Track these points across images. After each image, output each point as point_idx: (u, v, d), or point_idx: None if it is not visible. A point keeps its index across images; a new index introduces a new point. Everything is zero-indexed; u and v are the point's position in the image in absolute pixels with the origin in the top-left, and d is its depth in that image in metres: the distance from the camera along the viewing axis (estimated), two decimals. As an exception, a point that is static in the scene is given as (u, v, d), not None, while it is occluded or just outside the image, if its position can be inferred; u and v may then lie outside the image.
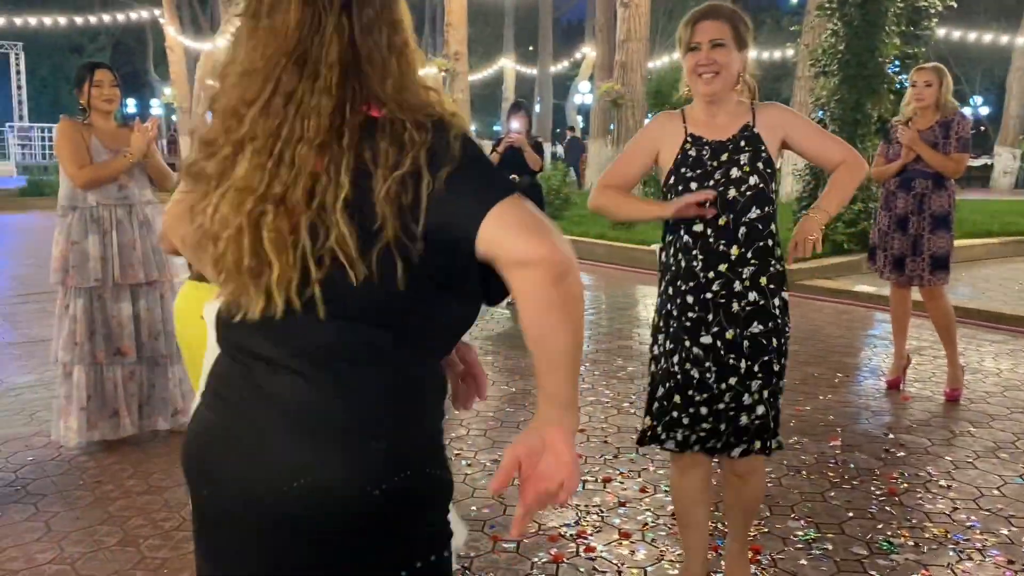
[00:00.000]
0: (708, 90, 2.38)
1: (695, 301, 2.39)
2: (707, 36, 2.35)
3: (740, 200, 2.35)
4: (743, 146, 2.39)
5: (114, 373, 3.90)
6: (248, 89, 1.17)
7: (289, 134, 1.14)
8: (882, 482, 3.57)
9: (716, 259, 2.37)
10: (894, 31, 8.83)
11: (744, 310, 2.37)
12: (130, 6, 31.00)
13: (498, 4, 30.96)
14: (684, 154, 2.43)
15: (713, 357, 2.39)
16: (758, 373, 2.39)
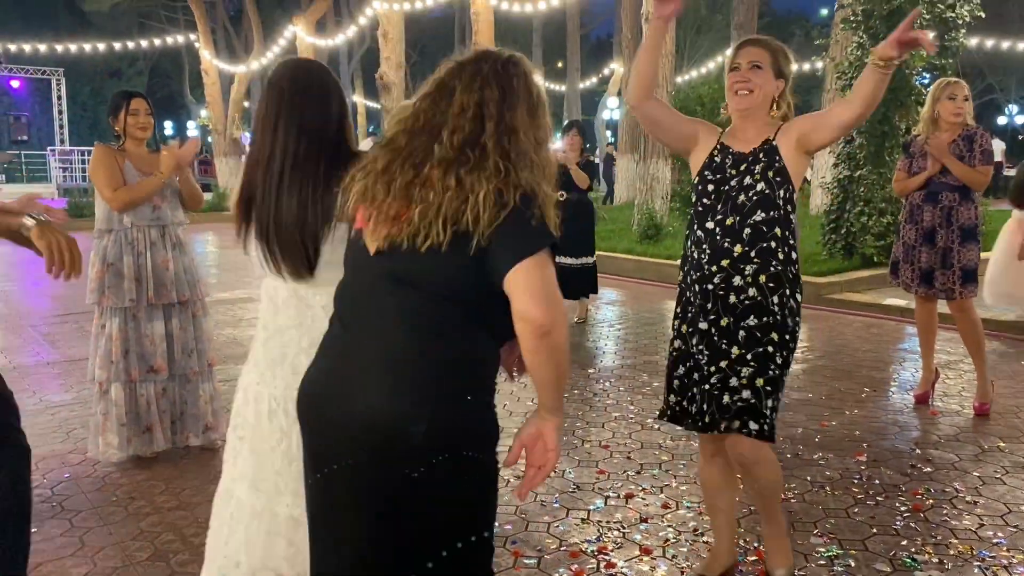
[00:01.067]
0: (740, 105, 2.66)
1: (700, 290, 2.64)
2: (747, 58, 2.65)
3: (747, 204, 2.59)
4: (760, 157, 2.63)
5: (147, 390, 4.00)
6: (417, 139, 1.68)
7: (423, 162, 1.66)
8: (907, 498, 3.55)
9: (721, 254, 2.60)
10: (921, 42, 8.77)
11: (742, 303, 2.58)
12: (167, 31, 31.70)
13: (526, 21, 31.18)
14: (711, 159, 2.71)
15: (707, 341, 2.62)
16: (751, 361, 2.57)
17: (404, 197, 1.63)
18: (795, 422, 4.55)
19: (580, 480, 3.80)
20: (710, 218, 2.64)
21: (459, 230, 1.57)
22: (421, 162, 1.65)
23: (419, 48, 39.84)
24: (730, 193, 2.62)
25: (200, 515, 3.47)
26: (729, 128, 2.76)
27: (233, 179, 24.36)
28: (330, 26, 29.75)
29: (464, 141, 1.63)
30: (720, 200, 2.64)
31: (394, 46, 17.40)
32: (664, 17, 2.57)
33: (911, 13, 2.49)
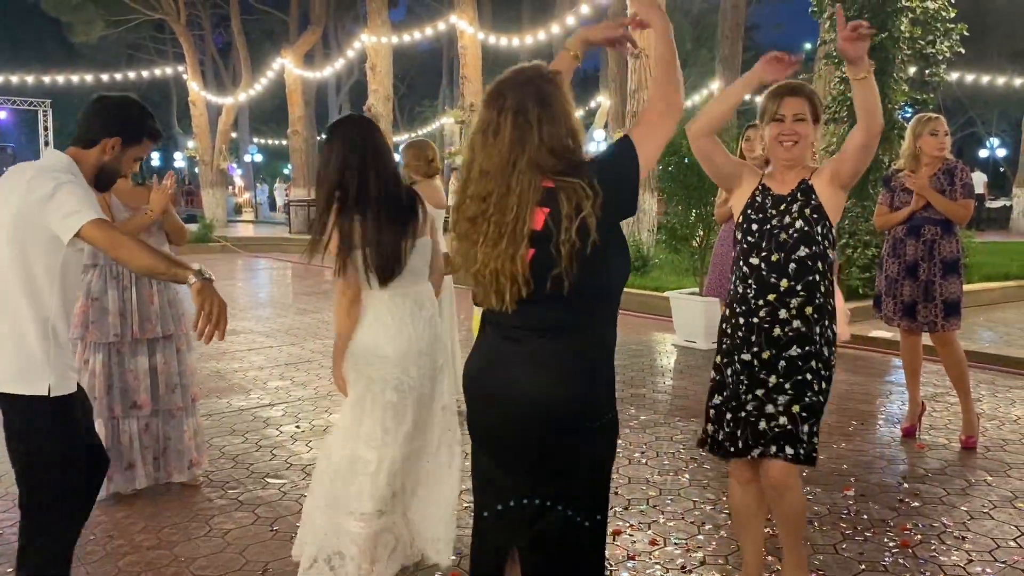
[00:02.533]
0: (788, 156, 2.80)
1: (744, 323, 2.78)
2: (791, 110, 2.78)
3: (789, 241, 2.75)
4: (798, 196, 2.79)
5: (130, 426, 3.95)
6: (487, 185, 2.01)
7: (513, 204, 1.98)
8: (896, 533, 3.53)
9: (767, 289, 2.75)
10: (903, 78, 8.91)
11: (786, 335, 2.72)
12: (155, 62, 31.81)
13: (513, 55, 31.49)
14: (753, 199, 2.87)
15: (747, 372, 2.76)
16: (788, 389, 2.71)
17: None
18: (782, 456, 4.52)
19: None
20: (755, 255, 2.79)
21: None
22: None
23: (407, 81, 40.11)
24: (772, 231, 2.78)
25: (180, 554, 3.42)
26: (769, 171, 2.92)
27: (219, 210, 24.34)
28: (318, 58, 29.95)
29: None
30: (764, 238, 2.79)
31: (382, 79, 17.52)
32: (766, 81, 2.72)
33: (838, 12, 2.73)
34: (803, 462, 2.70)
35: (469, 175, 2.05)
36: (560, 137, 1.98)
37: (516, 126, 1.96)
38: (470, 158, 2.05)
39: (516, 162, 1.96)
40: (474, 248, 2.03)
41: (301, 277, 14.40)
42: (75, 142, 2.62)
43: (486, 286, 2.02)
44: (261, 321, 9.41)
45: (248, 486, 4.19)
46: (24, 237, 2.42)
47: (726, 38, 19.35)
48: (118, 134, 2.61)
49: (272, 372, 6.75)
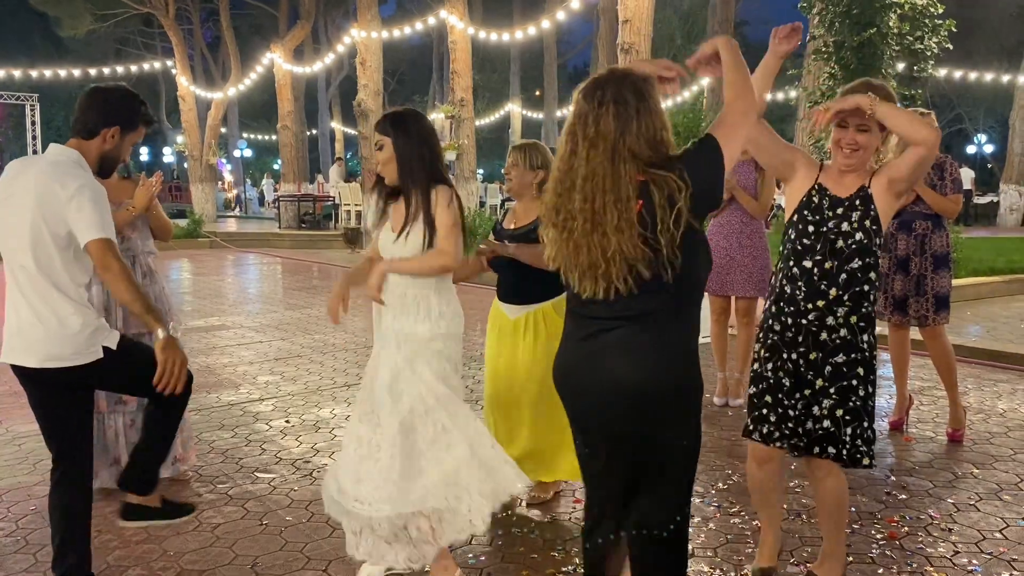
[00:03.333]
0: (847, 163, 2.81)
1: (793, 323, 2.82)
2: (856, 120, 2.76)
3: (846, 251, 2.76)
4: (857, 204, 2.78)
5: (115, 422, 3.93)
6: (586, 174, 2.11)
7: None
8: (883, 525, 3.55)
9: (816, 295, 2.78)
10: (891, 73, 8.94)
11: (833, 341, 2.77)
12: (143, 57, 31.64)
13: (504, 51, 31.45)
14: (809, 198, 2.86)
15: (793, 371, 2.82)
16: (833, 394, 2.78)
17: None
18: (771, 449, 4.54)
19: (556, 510, 3.77)
20: (808, 258, 2.80)
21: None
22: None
23: (397, 76, 40.03)
24: (828, 236, 2.78)
25: (169, 548, 3.41)
26: (828, 164, 2.90)
27: (208, 205, 24.23)
28: (308, 53, 29.84)
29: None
30: (819, 241, 2.79)
31: (372, 74, 17.47)
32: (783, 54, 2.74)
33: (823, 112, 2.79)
34: (846, 463, 2.80)
35: (567, 167, 2.15)
36: (656, 129, 2.10)
37: (617, 116, 2.08)
38: (567, 150, 2.15)
39: (618, 150, 2.07)
40: (572, 237, 2.13)
41: (291, 273, 14.36)
42: (75, 134, 2.78)
43: (583, 274, 2.13)
44: (250, 316, 9.38)
45: (237, 481, 4.18)
46: (47, 223, 2.66)
47: (715, 34, 19.37)
48: (116, 123, 2.78)
49: (262, 367, 6.73)
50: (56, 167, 2.69)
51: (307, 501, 3.89)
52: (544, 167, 3.70)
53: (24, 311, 2.75)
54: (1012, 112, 23.11)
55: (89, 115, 2.79)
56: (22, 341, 2.78)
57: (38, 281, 2.71)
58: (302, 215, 21.54)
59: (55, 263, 2.71)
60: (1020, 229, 21.10)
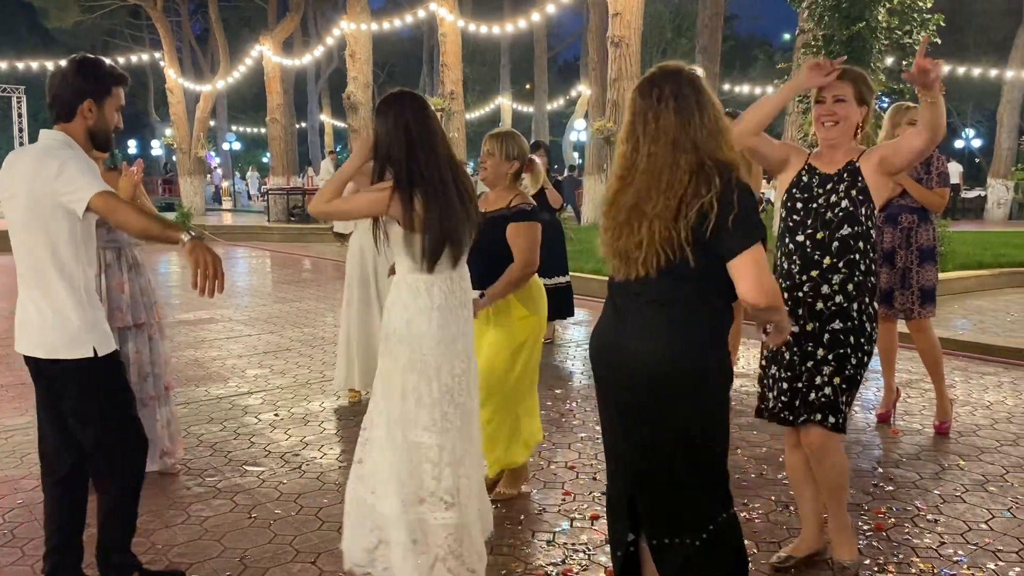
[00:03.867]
0: (828, 135, 2.93)
1: (790, 297, 2.91)
2: (831, 92, 2.89)
3: (834, 220, 2.87)
4: (844, 177, 2.91)
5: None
6: (655, 164, 2.24)
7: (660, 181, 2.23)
8: (870, 517, 3.57)
9: (810, 266, 2.89)
10: (880, 68, 8.96)
11: (828, 309, 2.87)
12: (131, 49, 31.42)
13: (494, 44, 31.38)
14: (799, 178, 2.98)
15: (796, 344, 2.90)
16: (832, 361, 2.87)
17: None
18: (759, 442, 4.57)
19: (545, 502, 3.78)
20: (800, 232, 2.93)
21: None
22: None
23: (387, 68, 39.90)
24: (818, 210, 2.90)
25: (157, 541, 3.40)
26: (816, 150, 3.03)
27: (197, 198, 24.13)
28: (297, 45, 29.71)
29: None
30: (809, 216, 2.92)
31: (361, 66, 17.41)
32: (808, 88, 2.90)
33: (923, 40, 2.86)
34: (839, 430, 2.90)
35: (629, 164, 2.27)
36: (716, 118, 2.22)
37: (678, 111, 2.20)
38: (628, 148, 2.27)
39: (680, 142, 2.18)
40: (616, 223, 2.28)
41: (280, 266, 14.32)
42: (56, 120, 2.75)
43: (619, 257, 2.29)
44: (240, 309, 9.35)
45: (226, 474, 4.17)
46: (42, 215, 2.64)
47: (705, 27, 19.39)
48: (87, 96, 2.72)
49: (251, 360, 6.71)
50: (46, 151, 2.68)
51: (296, 494, 3.89)
52: (519, 158, 3.67)
53: (28, 302, 2.77)
54: (1000, 107, 23.24)
55: (58, 98, 2.74)
56: (25, 332, 2.80)
57: (41, 270, 2.70)
58: (291, 208, 21.47)
59: (59, 253, 2.68)
60: (1007, 223, 21.23)
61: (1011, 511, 3.64)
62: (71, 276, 2.70)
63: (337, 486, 3.98)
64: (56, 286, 2.68)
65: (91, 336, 2.72)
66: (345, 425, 4.95)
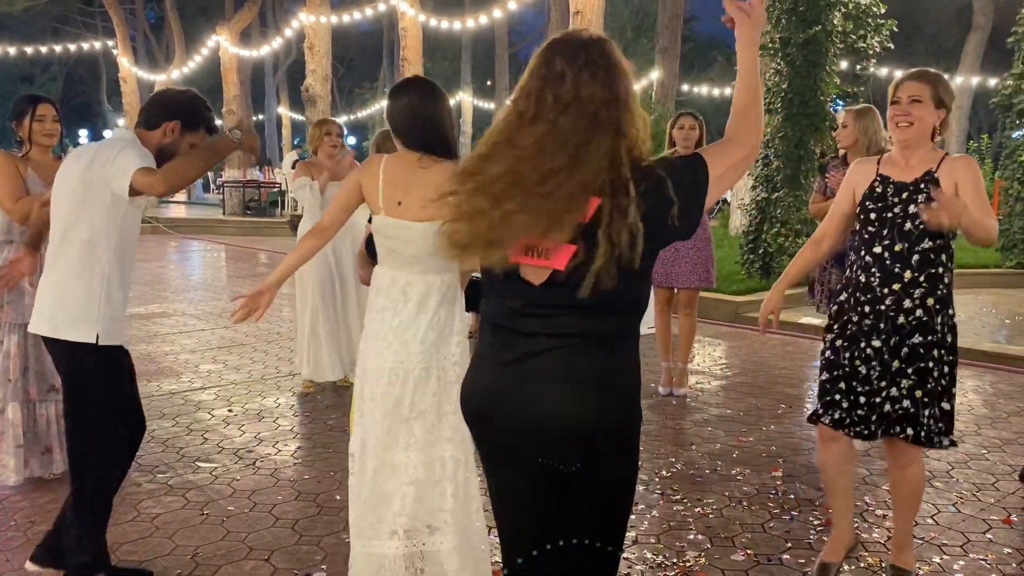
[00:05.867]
0: (902, 136, 2.84)
1: (871, 311, 2.85)
2: (907, 93, 2.83)
3: (915, 232, 2.79)
4: (923, 188, 2.80)
5: (47, 410, 3.82)
6: (557, 139, 1.67)
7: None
8: (821, 512, 3.64)
9: (891, 279, 2.82)
10: (835, 71, 9.12)
11: (910, 324, 2.82)
12: (83, 36, 30.69)
13: (456, 39, 31.28)
14: (871, 190, 2.90)
15: (879, 358, 2.85)
16: (912, 375, 2.82)
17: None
18: (714, 438, 4.62)
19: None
20: (878, 243, 2.84)
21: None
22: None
23: (346, 61, 39.56)
24: (895, 220, 2.82)
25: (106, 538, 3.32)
26: (887, 156, 2.94)
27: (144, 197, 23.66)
28: (255, 36, 29.29)
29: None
30: (885, 226, 2.83)
31: (320, 59, 17.23)
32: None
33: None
34: (923, 443, 2.83)
35: (512, 132, 1.70)
36: (639, 116, 1.72)
37: (606, 84, 1.68)
38: (527, 115, 1.69)
39: (600, 118, 1.66)
40: (490, 224, 1.65)
41: (235, 259, 14.11)
42: (138, 124, 2.92)
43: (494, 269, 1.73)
44: (193, 304, 9.20)
45: (178, 470, 4.10)
46: (90, 198, 2.74)
47: (665, 28, 19.54)
48: (177, 118, 2.89)
49: (204, 355, 6.61)
50: (111, 141, 2.86)
51: (249, 491, 3.84)
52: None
53: (49, 279, 2.83)
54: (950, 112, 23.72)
55: (153, 108, 2.93)
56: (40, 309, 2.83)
57: (69, 249, 2.77)
58: (247, 201, 21.17)
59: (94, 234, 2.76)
60: (955, 226, 21.69)
61: (956, 506, 3.73)
62: (96, 261, 2.76)
63: (291, 483, 3.93)
64: (78, 267, 2.75)
65: (97, 323, 2.75)
66: (300, 421, 4.90)
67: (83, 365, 2.77)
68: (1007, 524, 3.55)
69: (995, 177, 13.93)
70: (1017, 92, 10.53)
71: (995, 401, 5.49)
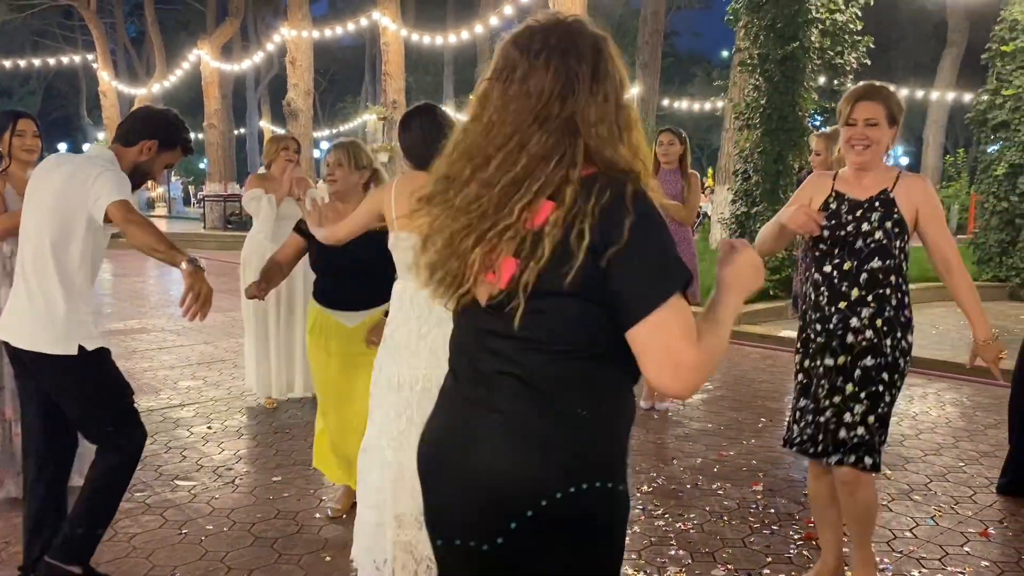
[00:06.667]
0: (858, 160, 2.80)
1: (822, 329, 2.84)
2: (863, 115, 2.77)
3: (864, 250, 2.76)
4: (877, 206, 2.78)
5: (22, 429, 3.76)
6: (494, 139, 1.40)
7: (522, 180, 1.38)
8: (801, 527, 3.65)
9: (838, 297, 2.79)
10: (813, 87, 9.23)
11: (860, 344, 2.77)
12: (62, 50, 30.52)
13: (438, 54, 31.37)
14: (826, 205, 2.85)
15: (828, 378, 2.81)
16: (864, 399, 2.76)
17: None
18: (694, 452, 4.63)
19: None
20: (827, 262, 2.82)
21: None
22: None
23: (328, 75, 39.56)
24: (847, 239, 2.78)
25: (81, 560, 3.28)
26: (842, 173, 2.91)
27: (131, 204, 23.50)
28: (237, 51, 29.24)
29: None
30: (837, 245, 2.80)
31: (302, 73, 17.23)
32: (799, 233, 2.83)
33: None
34: (874, 470, 2.80)
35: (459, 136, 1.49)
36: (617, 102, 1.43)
37: (558, 73, 1.40)
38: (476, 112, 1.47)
39: (551, 113, 1.39)
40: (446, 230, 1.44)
41: (215, 274, 13.97)
42: (115, 140, 2.93)
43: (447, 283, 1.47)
44: (172, 319, 9.13)
45: (156, 489, 4.06)
46: (65, 217, 2.76)
47: (646, 44, 19.68)
48: (155, 137, 2.91)
49: (183, 372, 6.56)
50: (89, 159, 2.87)
51: (229, 509, 3.80)
52: (368, 167, 3.62)
53: (21, 291, 2.84)
54: (925, 127, 24.10)
55: (132, 126, 2.94)
56: (11, 319, 2.86)
57: (44, 263, 2.78)
58: (228, 215, 21.08)
59: (68, 250, 2.79)
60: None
61: (934, 519, 3.76)
62: (70, 280, 2.79)
63: (271, 501, 3.91)
64: (54, 285, 2.77)
65: (76, 337, 2.79)
66: (280, 439, 4.87)
67: (66, 375, 2.81)
68: (984, 537, 3.58)
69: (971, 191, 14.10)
70: (991, 107, 10.68)
71: (972, 414, 5.55)
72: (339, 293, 3.60)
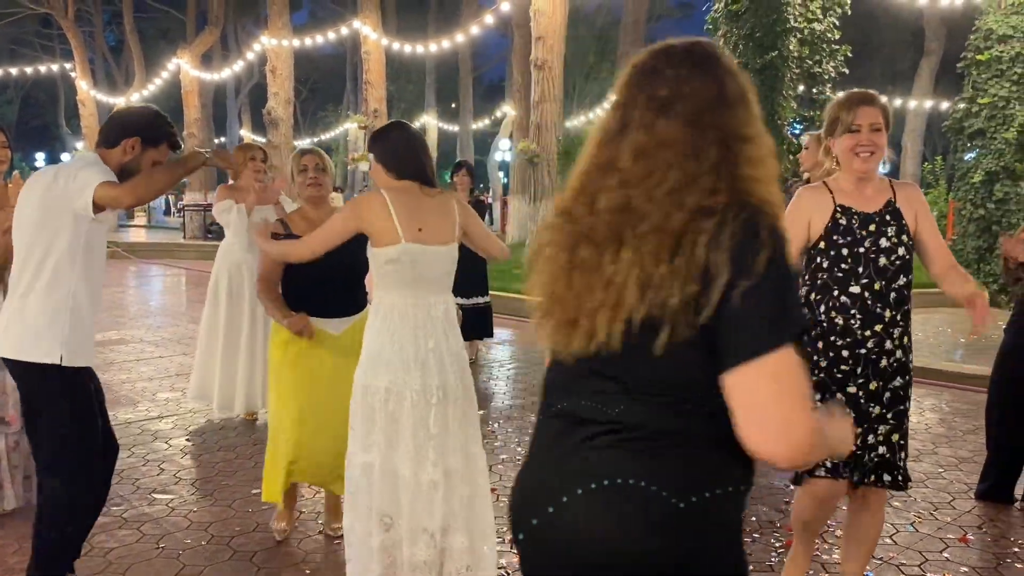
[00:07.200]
0: (865, 167, 2.66)
1: (849, 355, 2.66)
2: (868, 120, 2.65)
3: (891, 268, 2.65)
4: (889, 220, 2.68)
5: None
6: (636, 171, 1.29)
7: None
8: (782, 534, 3.65)
9: (873, 320, 2.64)
10: (791, 95, 9.31)
11: (892, 366, 2.67)
12: (40, 59, 30.29)
13: (419, 62, 31.38)
14: (835, 223, 2.68)
15: (852, 405, 2.65)
16: (890, 419, 2.69)
17: None
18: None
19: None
20: (854, 282, 2.65)
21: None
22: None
23: (309, 84, 39.47)
24: (868, 255, 2.65)
25: (56, 576, 3.23)
26: (835, 184, 2.73)
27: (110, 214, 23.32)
28: (216, 60, 29.13)
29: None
30: (859, 263, 2.65)
31: (283, 82, 17.18)
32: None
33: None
34: (900, 488, 2.76)
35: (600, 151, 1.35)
36: (760, 139, 1.34)
37: (711, 85, 1.32)
38: (613, 126, 1.35)
39: (705, 121, 1.29)
40: (565, 256, 1.35)
41: (195, 284, 13.93)
42: (98, 144, 2.90)
43: (558, 323, 1.39)
44: (151, 330, 9.05)
45: (133, 502, 4.01)
46: (51, 218, 2.72)
47: (627, 54, 19.81)
48: (136, 135, 2.85)
49: (162, 383, 6.49)
50: (72, 161, 2.88)
51: (207, 523, 3.76)
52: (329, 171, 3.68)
53: (12, 301, 2.80)
54: (904, 135, 24.34)
55: (112, 126, 2.91)
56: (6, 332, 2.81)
57: (32, 275, 2.75)
58: (208, 225, 20.95)
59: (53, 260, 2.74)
60: (911, 245, 22.14)
61: (914, 525, 3.77)
62: (60, 282, 2.73)
63: (250, 514, 3.87)
64: (43, 288, 2.73)
65: (61, 344, 2.71)
66: (260, 451, 4.82)
67: (43, 386, 2.75)
68: (963, 543, 3.60)
69: (949, 198, 14.24)
70: (968, 116, 10.80)
71: (951, 420, 5.59)
72: (324, 301, 3.52)
